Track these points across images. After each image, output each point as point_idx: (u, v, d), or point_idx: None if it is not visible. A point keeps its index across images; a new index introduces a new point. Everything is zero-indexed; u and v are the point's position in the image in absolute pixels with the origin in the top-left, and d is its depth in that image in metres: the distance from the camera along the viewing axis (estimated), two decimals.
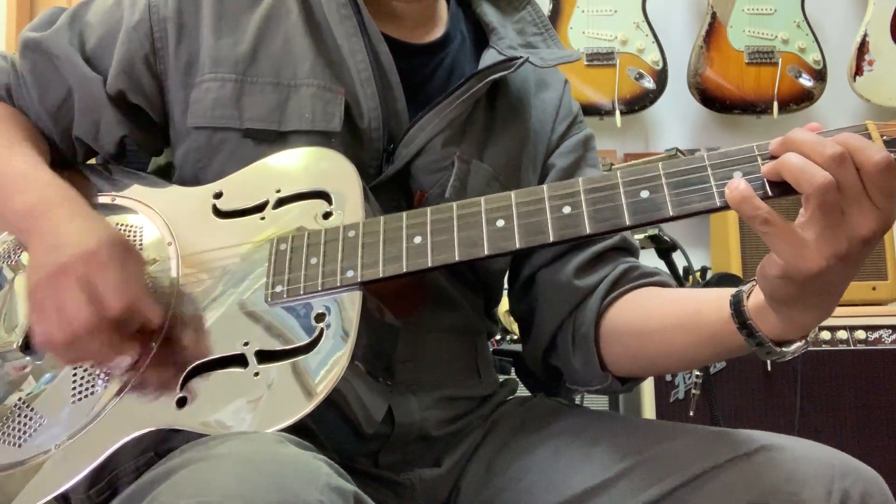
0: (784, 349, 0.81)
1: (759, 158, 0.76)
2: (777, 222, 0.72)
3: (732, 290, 0.85)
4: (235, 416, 0.78)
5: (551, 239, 0.80)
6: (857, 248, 0.71)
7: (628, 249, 1.06)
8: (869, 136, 0.74)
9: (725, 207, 0.76)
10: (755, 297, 0.81)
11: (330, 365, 0.78)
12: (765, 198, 0.74)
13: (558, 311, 1.03)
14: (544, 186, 0.82)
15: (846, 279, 0.75)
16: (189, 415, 0.80)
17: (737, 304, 0.82)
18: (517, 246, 0.81)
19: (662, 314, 0.95)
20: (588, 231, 0.79)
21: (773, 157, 0.75)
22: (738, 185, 0.74)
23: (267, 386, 0.79)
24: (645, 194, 0.78)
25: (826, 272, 0.72)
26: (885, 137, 0.73)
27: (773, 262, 0.74)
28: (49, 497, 0.81)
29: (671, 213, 0.77)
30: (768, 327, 0.81)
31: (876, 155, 0.70)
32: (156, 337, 0.86)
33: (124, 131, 1.02)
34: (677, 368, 1.00)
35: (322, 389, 0.77)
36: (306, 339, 0.81)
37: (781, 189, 0.74)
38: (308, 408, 0.76)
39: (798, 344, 0.81)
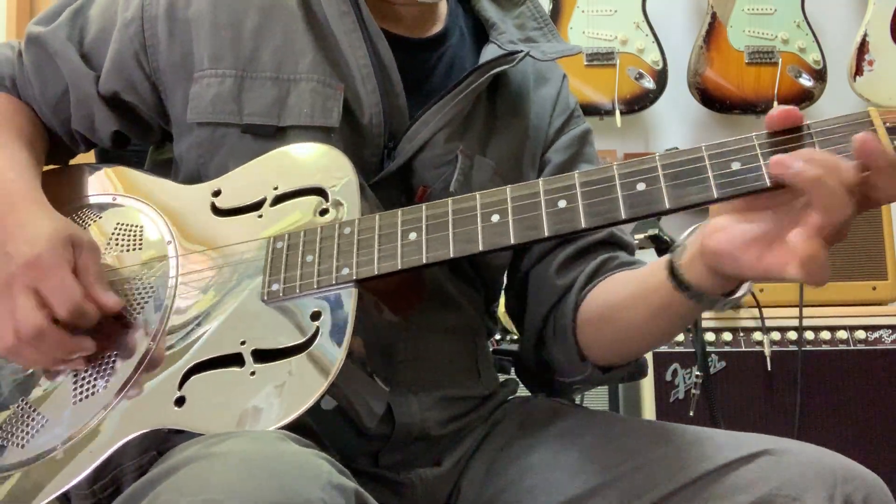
0: (729, 298, 0.82)
1: (758, 149, 0.75)
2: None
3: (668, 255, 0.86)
4: (233, 416, 0.78)
5: (546, 234, 0.79)
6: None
7: (616, 244, 1.06)
8: (871, 123, 0.73)
9: (722, 199, 0.75)
10: (687, 253, 0.82)
11: (326, 363, 0.78)
12: (763, 189, 0.73)
13: (542, 308, 1.04)
14: (540, 181, 0.82)
15: None
16: (187, 414, 0.80)
17: (671, 265, 0.84)
18: (511, 241, 0.80)
19: (619, 293, 0.96)
20: (583, 225, 0.78)
21: (772, 149, 0.74)
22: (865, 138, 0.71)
23: (263, 385, 0.79)
24: (641, 187, 0.77)
25: None
26: (887, 124, 0.73)
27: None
28: (53, 496, 0.81)
29: (668, 206, 0.76)
30: (704, 281, 0.81)
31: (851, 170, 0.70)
32: (153, 337, 0.86)
33: (116, 126, 1.04)
34: (644, 346, 0.99)
35: (318, 388, 0.77)
36: (302, 338, 0.80)
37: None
38: (304, 407, 0.76)
39: (742, 292, 0.82)
